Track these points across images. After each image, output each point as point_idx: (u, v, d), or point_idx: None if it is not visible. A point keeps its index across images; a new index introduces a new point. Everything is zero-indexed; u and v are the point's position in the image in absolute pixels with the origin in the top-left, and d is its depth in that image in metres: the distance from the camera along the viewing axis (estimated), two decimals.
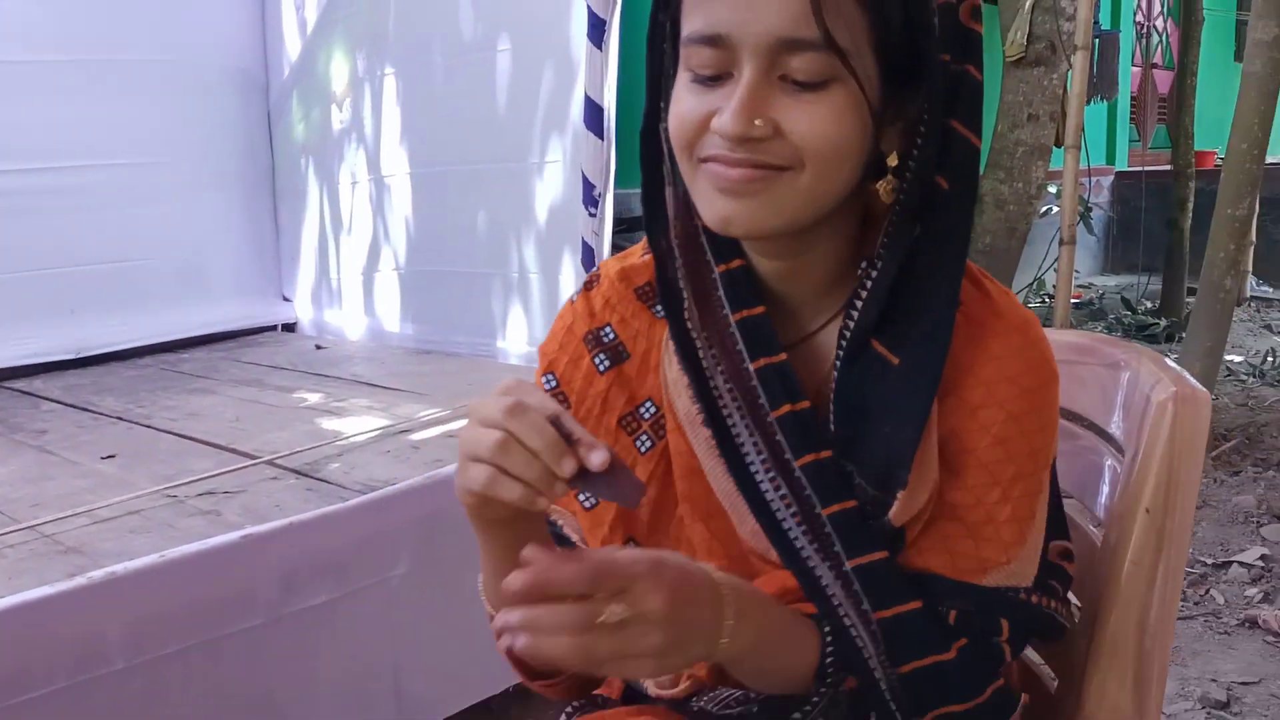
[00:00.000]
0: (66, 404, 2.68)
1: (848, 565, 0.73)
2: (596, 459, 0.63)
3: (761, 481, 0.75)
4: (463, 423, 0.65)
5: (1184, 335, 4.52)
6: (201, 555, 1.60)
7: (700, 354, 0.77)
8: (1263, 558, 2.91)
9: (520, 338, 2.95)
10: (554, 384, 0.85)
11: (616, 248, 2.88)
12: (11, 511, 1.81)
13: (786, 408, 0.74)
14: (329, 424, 2.36)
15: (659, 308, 0.81)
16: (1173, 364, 0.88)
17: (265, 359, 3.21)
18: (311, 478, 1.98)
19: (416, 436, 2.22)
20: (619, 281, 0.84)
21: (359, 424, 2.31)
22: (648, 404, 0.82)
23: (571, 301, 0.87)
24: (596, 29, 2.47)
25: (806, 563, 0.74)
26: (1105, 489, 0.92)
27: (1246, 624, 2.58)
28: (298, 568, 1.72)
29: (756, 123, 0.67)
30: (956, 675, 0.74)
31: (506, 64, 2.85)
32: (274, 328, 3.70)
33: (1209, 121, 6.82)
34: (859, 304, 0.74)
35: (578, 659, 0.62)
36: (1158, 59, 9.35)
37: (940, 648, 0.73)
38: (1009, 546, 0.75)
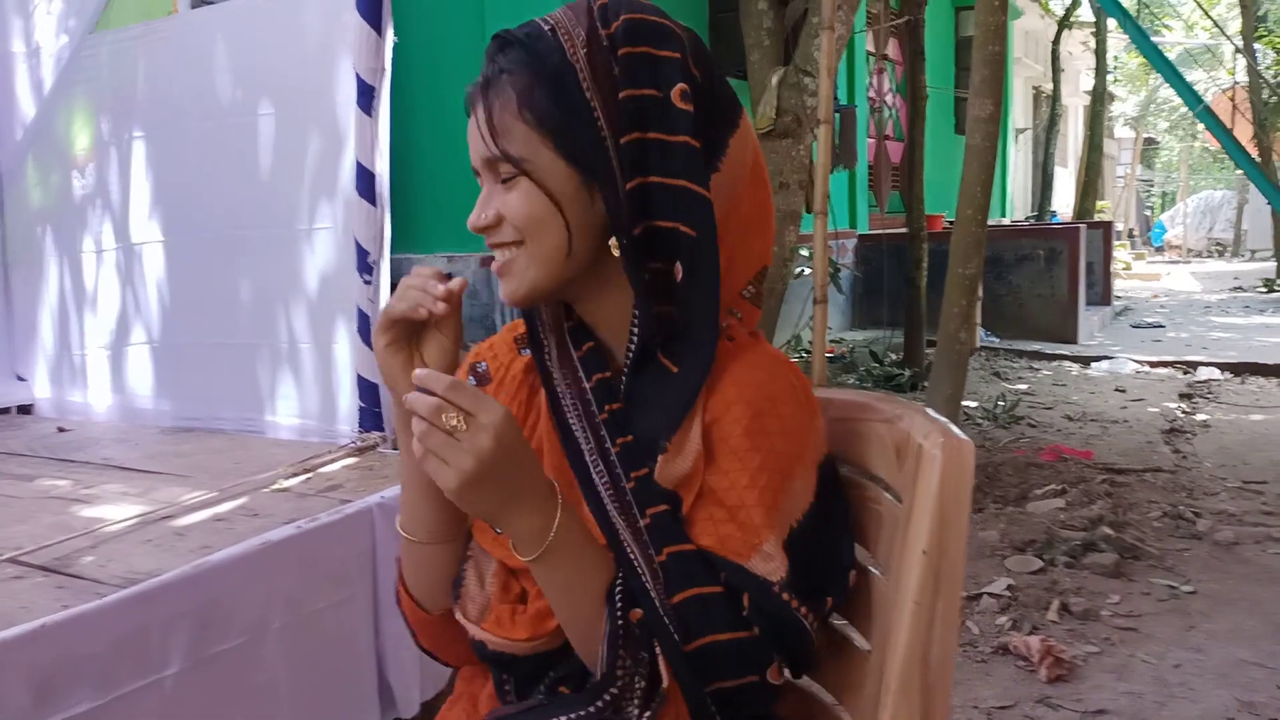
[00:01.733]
0: None
1: (642, 520, 0.94)
2: (457, 283, 0.95)
3: (591, 460, 0.99)
4: (231, 504, 0.78)
5: (926, 384, 4.89)
6: None
7: (556, 384, 1.04)
8: (1009, 587, 3.17)
9: (291, 411, 2.83)
10: None
11: None
12: None
13: (608, 408, 1.00)
14: (79, 514, 2.17)
15: (524, 350, 1.10)
16: (938, 416, 0.96)
17: None
18: (62, 574, 1.81)
19: (181, 522, 2.08)
20: (509, 329, 1.13)
21: (114, 511, 2.14)
22: None
23: (474, 347, 1.15)
24: (365, 96, 2.45)
25: (609, 515, 0.95)
26: (886, 535, 0.98)
27: (999, 651, 2.79)
28: (53, 675, 1.56)
29: (483, 215, 0.99)
30: (720, 608, 0.90)
31: (269, 129, 2.76)
32: (7, 410, 3.37)
33: (935, 187, 7.48)
34: (634, 330, 1.00)
35: (417, 438, 0.84)
36: (889, 131, 10.19)
37: (707, 583, 0.91)
38: (759, 529, 0.92)
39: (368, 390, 2.62)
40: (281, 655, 1.93)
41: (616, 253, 0.97)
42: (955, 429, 0.92)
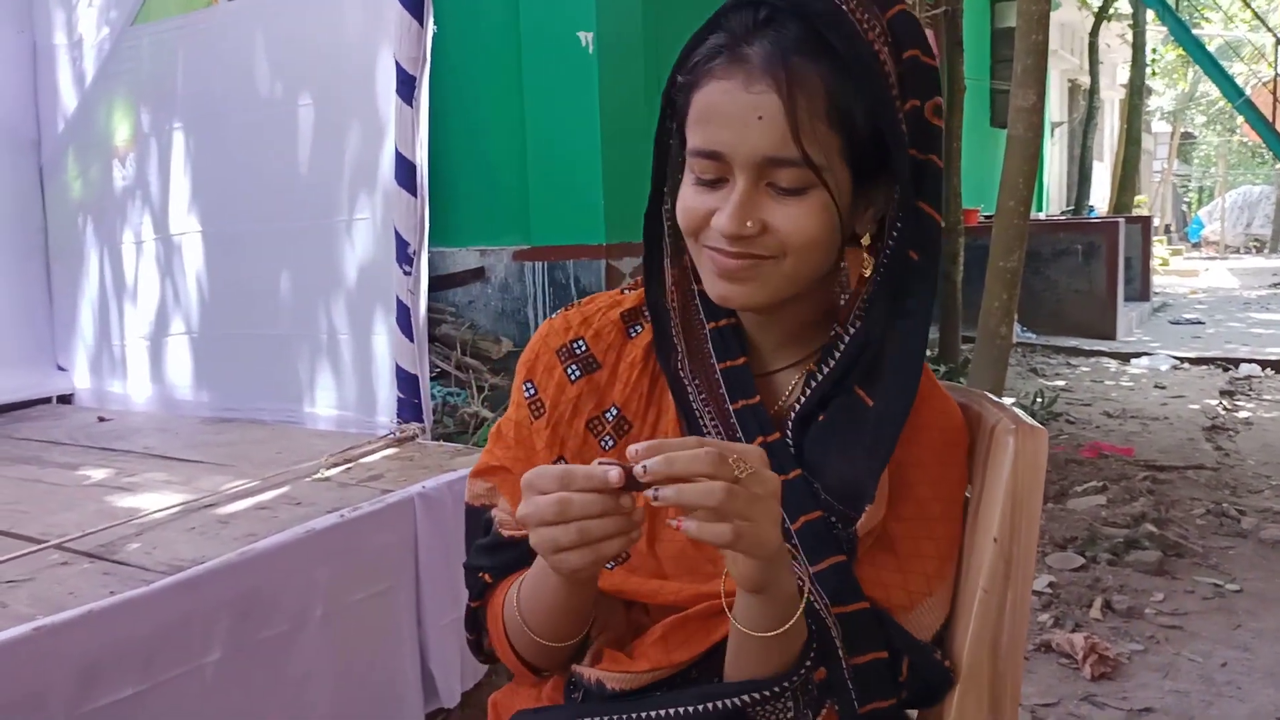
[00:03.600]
0: None
1: (811, 568, 0.84)
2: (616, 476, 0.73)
3: None
4: (274, 493, 0.72)
5: (963, 379, 4.84)
6: None
7: (690, 397, 0.92)
8: (1051, 585, 3.12)
9: (329, 401, 2.83)
10: (533, 391, 0.99)
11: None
12: None
13: (759, 439, 0.88)
14: (122, 502, 2.18)
15: (633, 329, 0.97)
16: (1009, 403, 0.93)
17: (41, 434, 2.94)
18: (108, 560, 1.82)
19: (224, 510, 2.09)
20: (606, 304, 0.99)
21: (157, 500, 2.15)
22: (612, 408, 0.96)
23: (550, 319, 1.02)
24: (406, 85, 2.44)
25: None
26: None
27: (1041, 648, 2.75)
28: (98, 660, 1.57)
29: (748, 224, 0.82)
30: (887, 673, 0.85)
31: (309, 120, 2.77)
32: (48, 400, 3.40)
33: (971, 181, 7.40)
34: (837, 354, 0.88)
35: (715, 501, 0.69)
36: None
37: (880, 646, 0.85)
38: (931, 579, 0.86)
39: (406, 381, 2.62)
40: (322, 644, 1.93)
41: (867, 271, 0.87)
42: (1027, 416, 0.90)
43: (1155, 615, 2.94)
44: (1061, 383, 6.69)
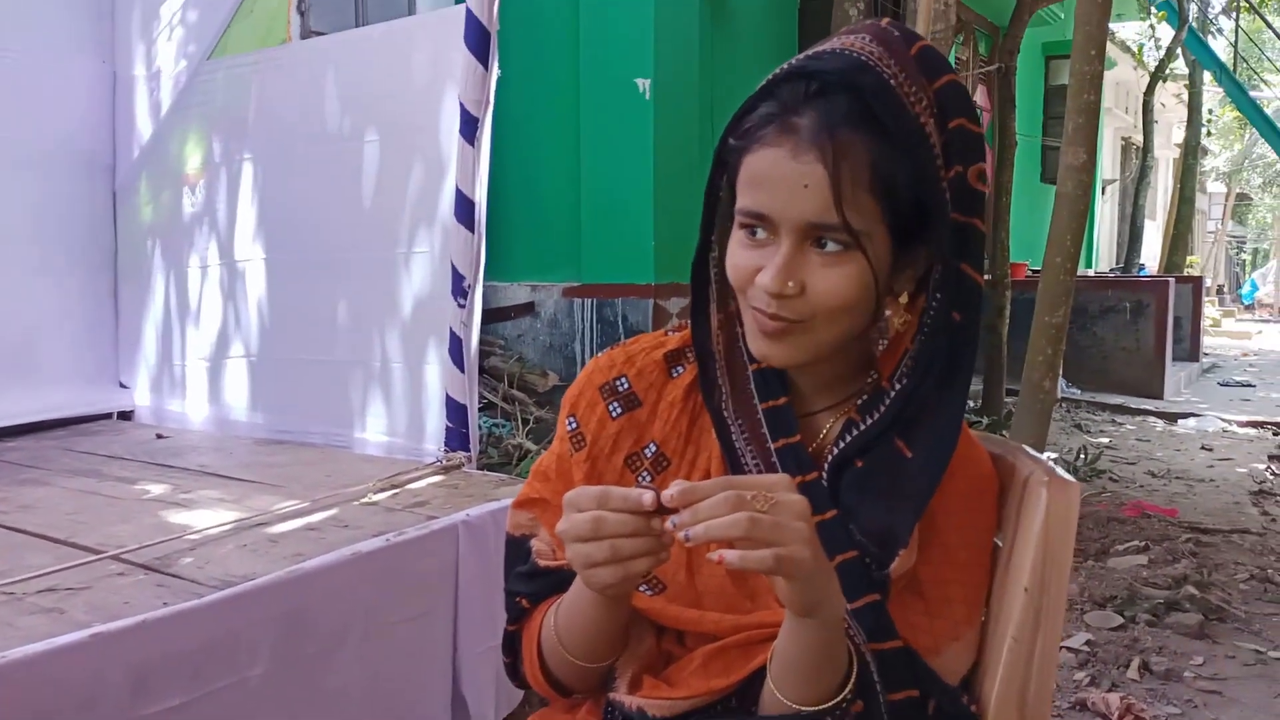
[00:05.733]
0: None
1: (849, 605, 0.85)
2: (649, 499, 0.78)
3: None
4: (322, 515, 0.77)
5: (1005, 432, 4.81)
6: (44, 656, 1.50)
7: (734, 436, 0.95)
8: (1088, 643, 3.10)
9: (380, 428, 2.90)
10: (575, 425, 1.02)
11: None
12: None
13: (799, 479, 0.90)
14: (177, 517, 2.25)
15: (675, 369, 1.00)
16: (1042, 456, 0.96)
17: (101, 448, 3.04)
18: (162, 573, 1.88)
19: (274, 530, 2.15)
20: (650, 345, 1.03)
21: (210, 516, 2.22)
22: (651, 445, 0.99)
23: (596, 357, 1.05)
24: (469, 126, 2.52)
25: None
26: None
27: (1077, 707, 2.72)
28: (150, 669, 1.63)
29: (789, 284, 0.85)
30: (915, 713, 0.87)
31: (374, 155, 2.86)
32: (109, 416, 3.51)
33: (1019, 235, 7.39)
34: (881, 407, 0.91)
35: (741, 530, 0.73)
36: None
37: (912, 684, 0.88)
38: (959, 624, 0.89)
39: (455, 411, 2.68)
40: (359, 662, 1.97)
41: (901, 323, 0.90)
42: (1060, 469, 0.93)
43: (1194, 679, 2.90)
44: (1106, 440, 6.62)
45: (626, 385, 1.00)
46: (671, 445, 0.99)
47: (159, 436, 3.22)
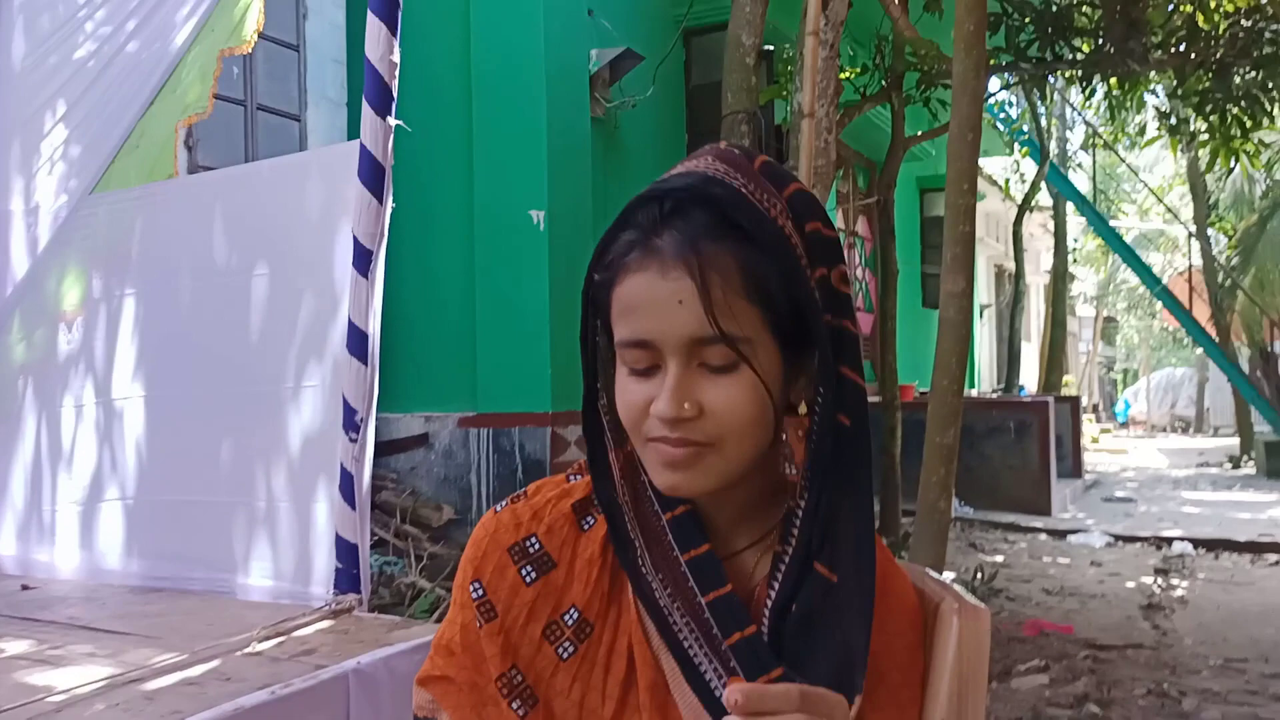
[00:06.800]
0: None
1: None
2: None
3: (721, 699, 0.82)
4: (202, 668, 0.68)
5: (905, 554, 4.85)
6: None
7: (656, 594, 0.88)
8: None
9: (265, 571, 2.77)
10: (481, 593, 0.93)
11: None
12: None
13: (737, 635, 0.85)
14: (41, 677, 2.08)
15: (585, 521, 0.93)
16: (950, 579, 0.95)
17: None
18: None
19: (151, 686, 2.00)
20: (555, 496, 0.95)
21: (80, 674, 2.06)
22: (571, 610, 0.91)
23: (495, 511, 0.96)
24: (363, 258, 2.50)
25: None
26: None
27: None
28: None
29: (685, 405, 0.82)
30: None
31: (263, 289, 2.81)
32: None
33: (905, 358, 7.63)
34: (794, 532, 0.86)
35: None
36: (859, 303, 10.47)
37: None
38: None
39: (345, 551, 2.58)
40: None
41: (798, 442, 0.87)
42: (969, 595, 0.92)
43: None
44: (1000, 558, 6.73)
45: (538, 545, 0.92)
46: (595, 609, 0.91)
47: (24, 588, 3.01)
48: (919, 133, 7.43)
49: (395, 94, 2.53)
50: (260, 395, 2.80)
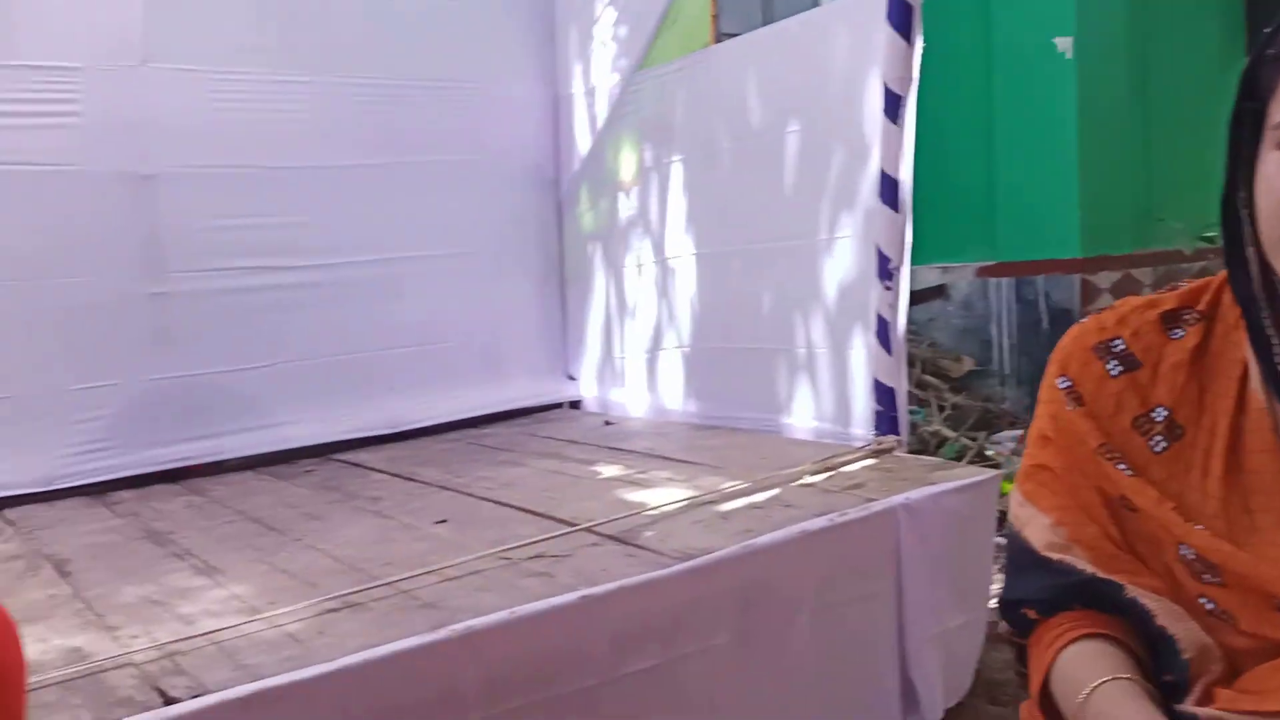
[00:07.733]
0: (393, 474, 2.91)
1: None
2: None
3: None
4: (764, 495, 0.75)
5: None
6: (545, 614, 1.69)
7: None
8: None
9: (807, 413, 2.96)
10: (1068, 383, 0.96)
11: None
12: (368, 569, 1.97)
13: None
14: (634, 495, 2.44)
15: (1174, 331, 0.93)
16: None
17: (559, 434, 3.37)
18: (630, 544, 2.05)
19: (723, 507, 2.26)
20: (1141, 305, 0.96)
21: (664, 494, 2.38)
22: (1159, 409, 0.92)
23: (1080, 323, 1.00)
24: (893, 104, 2.51)
25: None
26: None
27: None
28: (628, 630, 1.78)
29: None
30: None
31: (795, 145, 2.93)
32: (561, 405, 3.89)
33: None
34: None
35: None
36: None
37: None
38: None
39: (884, 394, 2.67)
40: (810, 640, 2.03)
41: None
42: None
43: None
44: None
45: (1122, 346, 0.93)
46: (1183, 412, 0.90)
47: (607, 423, 3.51)
48: None
49: None
50: (796, 249, 2.95)
